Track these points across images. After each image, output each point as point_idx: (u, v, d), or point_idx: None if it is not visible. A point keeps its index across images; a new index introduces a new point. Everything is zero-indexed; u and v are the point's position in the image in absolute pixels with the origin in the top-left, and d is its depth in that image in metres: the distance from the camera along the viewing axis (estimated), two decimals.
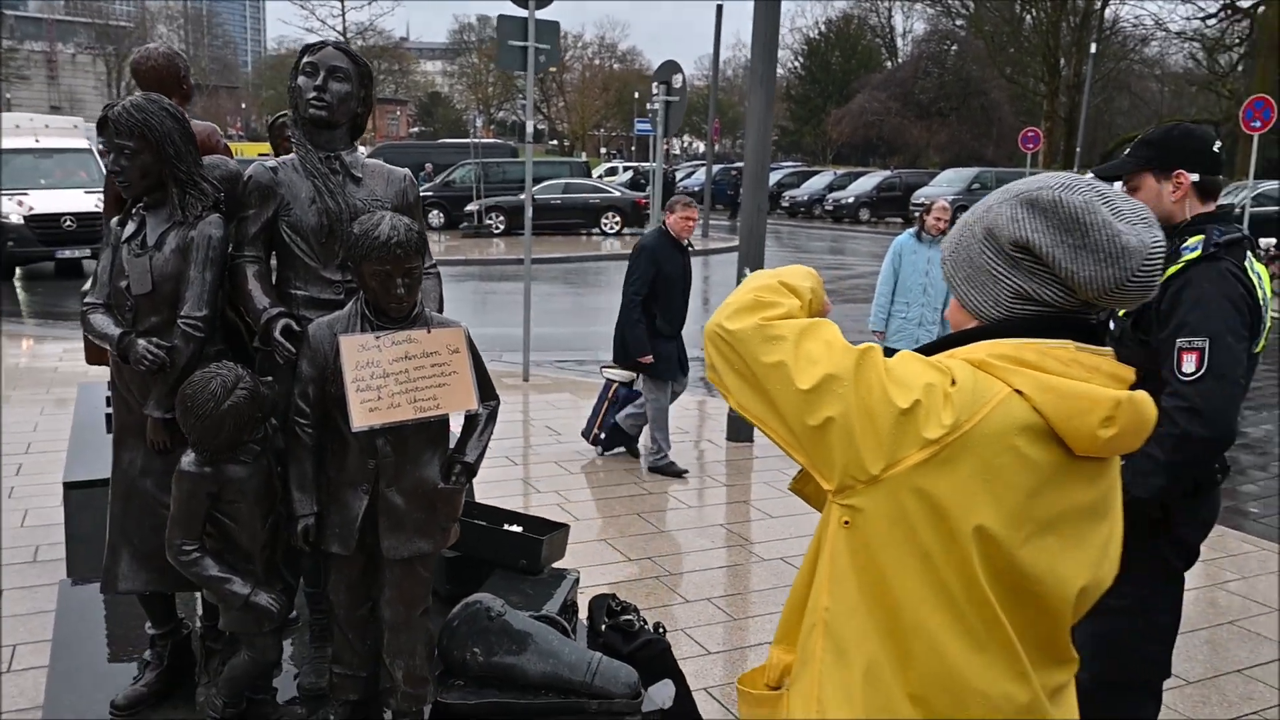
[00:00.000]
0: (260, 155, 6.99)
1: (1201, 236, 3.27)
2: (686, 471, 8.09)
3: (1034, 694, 1.75)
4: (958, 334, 1.82)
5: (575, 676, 3.59)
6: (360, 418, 3.00)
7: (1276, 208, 26.96)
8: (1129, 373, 1.75)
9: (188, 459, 3.03)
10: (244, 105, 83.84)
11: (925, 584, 1.67)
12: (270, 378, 3.22)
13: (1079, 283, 1.70)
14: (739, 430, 8.99)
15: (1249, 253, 3.34)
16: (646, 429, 8.34)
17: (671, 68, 11.09)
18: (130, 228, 3.26)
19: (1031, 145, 35.29)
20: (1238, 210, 22.54)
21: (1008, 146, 52.80)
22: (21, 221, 18.72)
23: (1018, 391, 1.65)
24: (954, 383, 1.66)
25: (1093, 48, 41.21)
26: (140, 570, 3.38)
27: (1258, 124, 21.02)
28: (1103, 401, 1.66)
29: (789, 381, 1.69)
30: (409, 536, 3.17)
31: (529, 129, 10.93)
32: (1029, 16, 54.68)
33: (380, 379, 3.02)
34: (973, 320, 1.83)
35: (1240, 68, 47.30)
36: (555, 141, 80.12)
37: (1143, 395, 1.75)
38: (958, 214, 7.73)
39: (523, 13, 9.77)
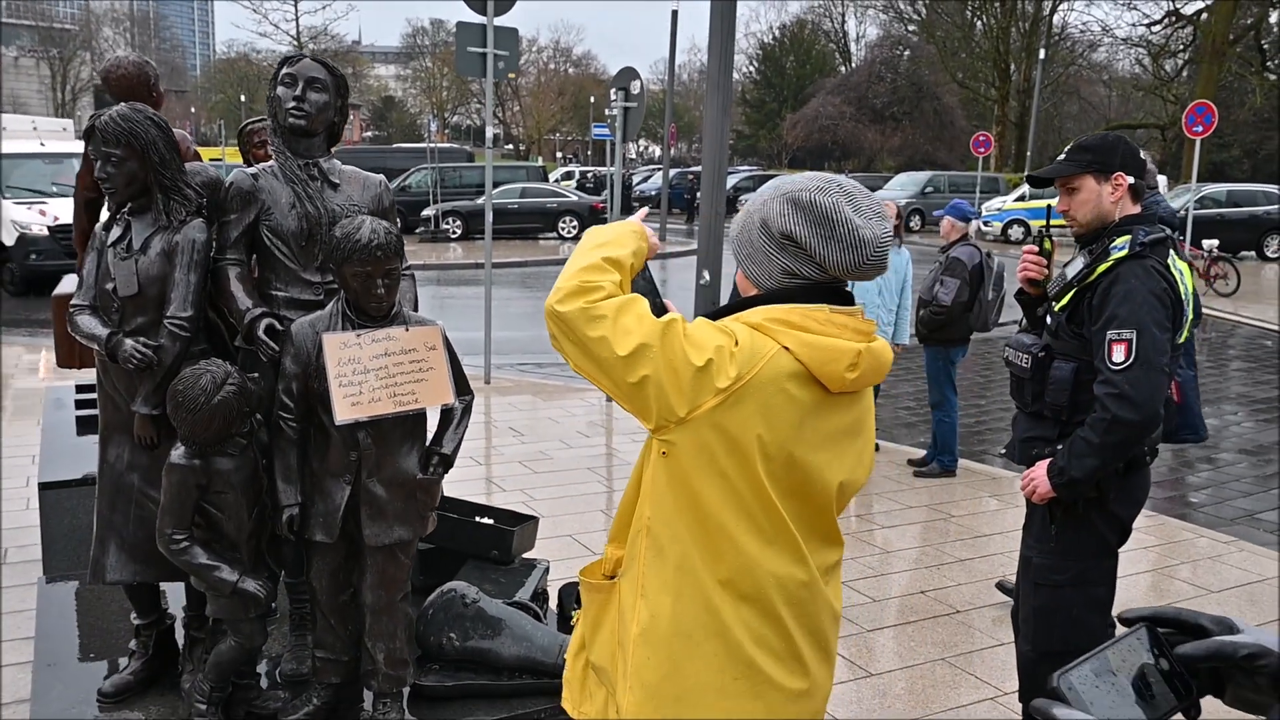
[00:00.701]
0: (212, 160, 7.05)
1: (1129, 236, 3.52)
2: None
3: (811, 574, 2.25)
4: (743, 299, 2.30)
5: (548, 659, 3.77)
6: (343, 412, 3.16)
7: (1219, 210, 27.60)
8: (871, 325, 2.24)
9: (178, 452, 3.18)
10: (193, 109, 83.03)
11: (725, 496, 2.15)
12: (256, 374, 3.37)
13: (829, 265, 2.18)
14: None
15: (1171, 251, 3.60)
16: None
17: (630, 74, 11.28)
18: (116, 232, 3.40)
19: (983, 149, 35.77)
20: (1181, 213, 23.06)
21: (960, 150, 53.47)
22: (46, 233, 17.02)
23: (785, 348, 2.12)
24: (736, 343, 2.11)
25: (1042, 53, 41.89)
26: (128, 562, 3.52)
27: (1199, 129, 21.52)
28: (848, 352, 2.15)
29: (611, 350, 2.10)
30: (390, 524, 3.34)
31: (488, 134, 11.07)
32: (980, 22, 55.42)
33: (361, 375, 3.17)
34: (754, 288, 2.30)
35: (1185, 73, 48.17)
36: (511, 146, 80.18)
37: (881, 344, 2.24)
38: (911, 215, 7.95)
39: (481, 19, 9.91)
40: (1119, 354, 3.41)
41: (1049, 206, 3.99)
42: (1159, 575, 6.37)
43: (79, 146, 22.02)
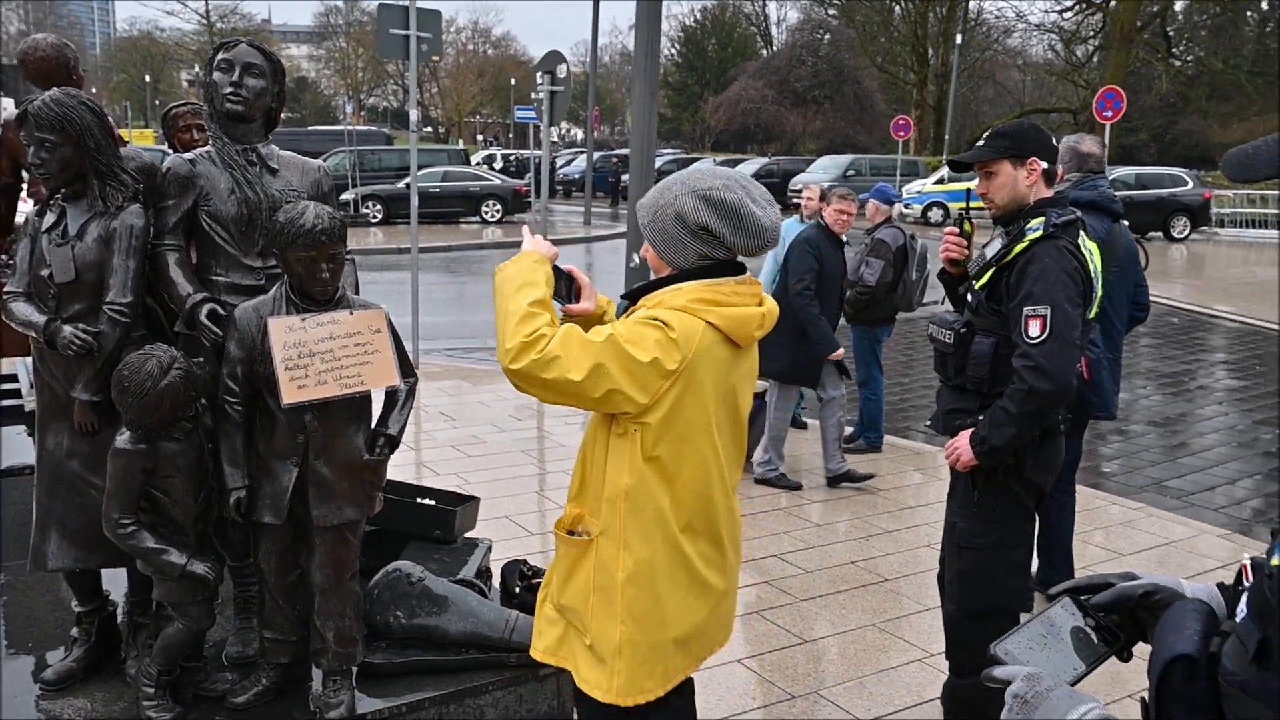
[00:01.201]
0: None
1: (1042, 218, 3.70)
2: (800, 486, 7.71)
3: (734, 500, 2.98)
4: (661, 279, 2.81)
5: (494, 634, 3.84)
6: (290, 395, 3.19)
7: (1128, 193, 28.25)
8: (758, 285, 2.85)
9: (123, 437, 3.20)
10: (94, 90, 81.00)
11: (687, 453, 2.74)
12: (200, 358, 3.39)
13: (736, 248, 2.75)
14: None
15: (1081, 232, 3.78)
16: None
17: (556, 58, 11.28)
18: (50, 218, 3.39)
19: (903, 133, 36.24)
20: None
21: (880, 133, 54.06)
22: None
23: (710, 323, 2.68)
24: (672, 331, 2.61)
25: (958, 39, 42.46)
26: (69, 548, 3.52)
27: (1109, 113, 22.10)
28: (755, 316, 2.79)
29: (571, 381, 2.55)
30: (337, 505, 3.38)
31: (413, 118, 11.03)
32: (898, 7, 56.01)
33: (307, 358, 3.21)
34: (667, 268, 2.80)
35: (1095, 59, 49.16)
36: (430, 129, 79.46)
37: (772, 303, 2.86)
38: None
39: (404, 1, 9.87)
40: (1035, 329, 3.58)
41: (968, 190, 4.14)
42: (1076, 542, 6.58)
43: None
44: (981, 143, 3.90)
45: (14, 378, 6.52)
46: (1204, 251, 27.66)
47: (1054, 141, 3.92)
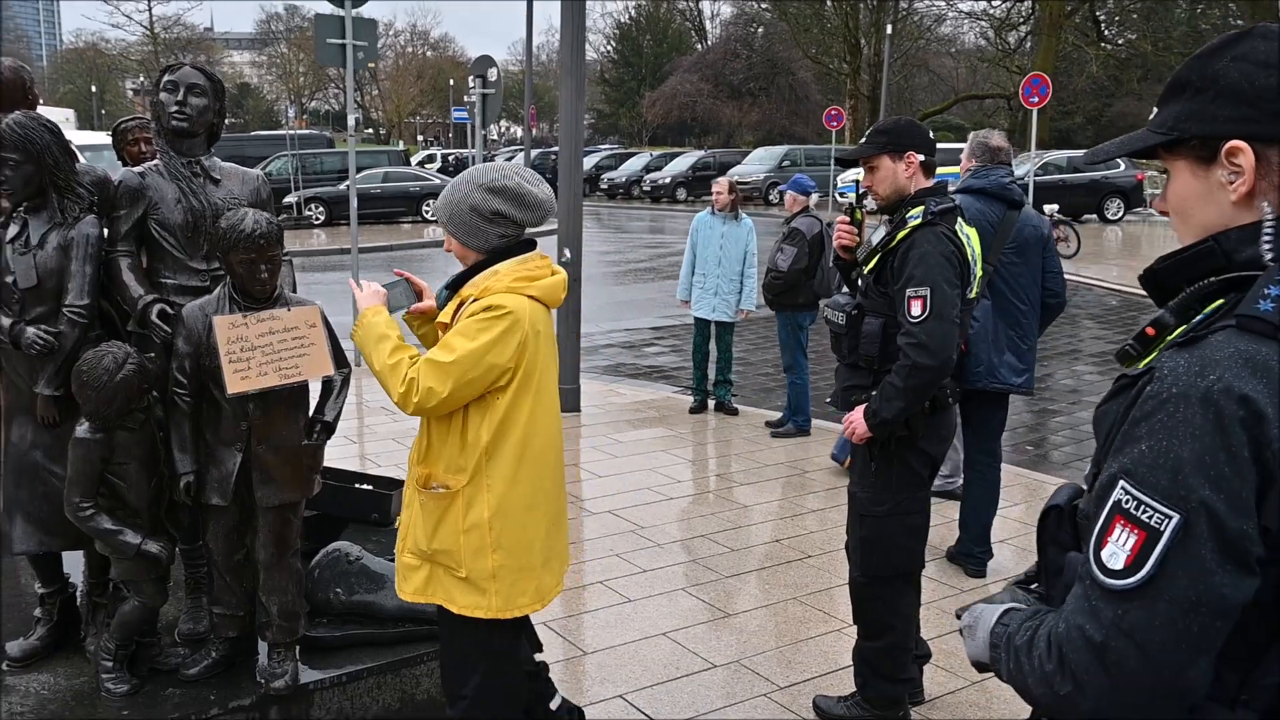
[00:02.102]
0: None
1: (922, 207, 4.01)
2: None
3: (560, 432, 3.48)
4: (475, 265, 3.26)
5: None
6: (234, 385, 3.49)
7: (1061, 176, 28.84)
8: (550, 259, 3.36)
9: (83, 428, 3.48)
10: (41, 101, 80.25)
11: (535, 405, 3.22)
12: (152, 354, 3.67)
13: (526, 223, 3.25)
14: (566, 402, 9.54)
15: (960, 218, 4.10)
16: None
17: (486, 62, 11.56)
18: (13, 230, 3.67)
19: (835, 123, 36.64)
20: (1023, 180, 24.11)
21: (816, 124, 54.48)
22: None
23: (532, 296, 3.19)
24: (510, 312, 3.09)
25: (888, 29, 42.94)
26: (33, 533, 3.80)
27: (1035, 99, 22.60)
28: (561, 282, 3.34)
29: (449, 400, 3.07)
30: (279, 487, 3.68)
31: (350, 122, 11.27)
32: (829, 0, 56.52)
33: (249, 352, 3.50)
34: (473, 254, 3.26)
35: (1028, 44, 49.88)
36: (371, 130, 79.19)
37: (562, 272, 3.36)
38: (770, 188, 8.36)
39: (340, 11, 10.11)
40: (916, 309, 3.88)
41: (857, 182, 4.49)
42: (1010, 521, 6.93)
43: (97, 137, 19.83)
44: (864, 140, 4.22)
45: None
46: (1139, 232, 28.22)
47: (931, 135, 4.23)
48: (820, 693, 4.60)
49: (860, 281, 4.23)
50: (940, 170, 4.37)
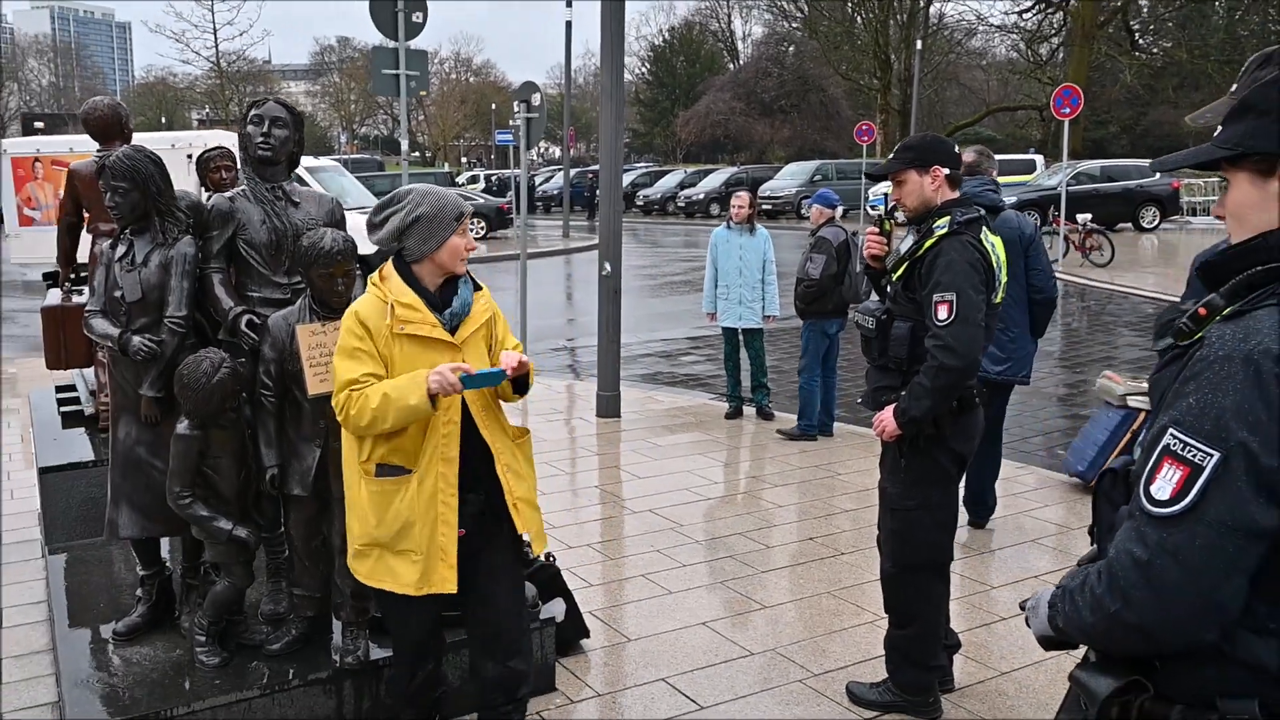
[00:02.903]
0: None
1: (949, 217, 4.17)
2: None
3: None
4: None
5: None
6: (314, 387, 3.82)
7: (1094, 185, 28.52)
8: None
9: (183, 425, 3.83)
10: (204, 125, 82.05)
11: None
12: (242, 359, 4.02)
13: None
14: (607, 407, 9.82)
15: (985, 228, 4.25)
16: None
17: (530, 88, 11.93)
18: (120, 249, 4.05)
19: (866, 138, 36.73)
20: (1055, 190, 24.04)
21: (847, 139, 54.44)
22: None
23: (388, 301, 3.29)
24: (363, 319, 3.25)
25: (918, 44, 43.01)
26: (137, 520, 4.16)
27: (1067, 110, 22.59)
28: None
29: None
30: None
31: (403, 146, 11.67)
32: (859, 17, 56.59)
33: (327, 357, 3.83)
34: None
35: (1061, 55, 49.48)
36: (417, 153, 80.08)
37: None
38: (802, 202, 8.60)
39: (394, 44, 10.49)
40: (943, 313, 4.04)
41: (886, 194, 4.71)
42: (1032, 519, 7.13)
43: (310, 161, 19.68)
44: (892, 155, 4.39)
45: (73, 387, 7.15)
46: (1176, 240, 27.78)
47: (955, 150, 4.41)
48: (853, 679, 4.74)
49: (889, 288, 4.38)
50: (1005, 180, 4.51)
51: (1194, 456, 1.67)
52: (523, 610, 3.73)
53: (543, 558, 5.08)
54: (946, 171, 4.28)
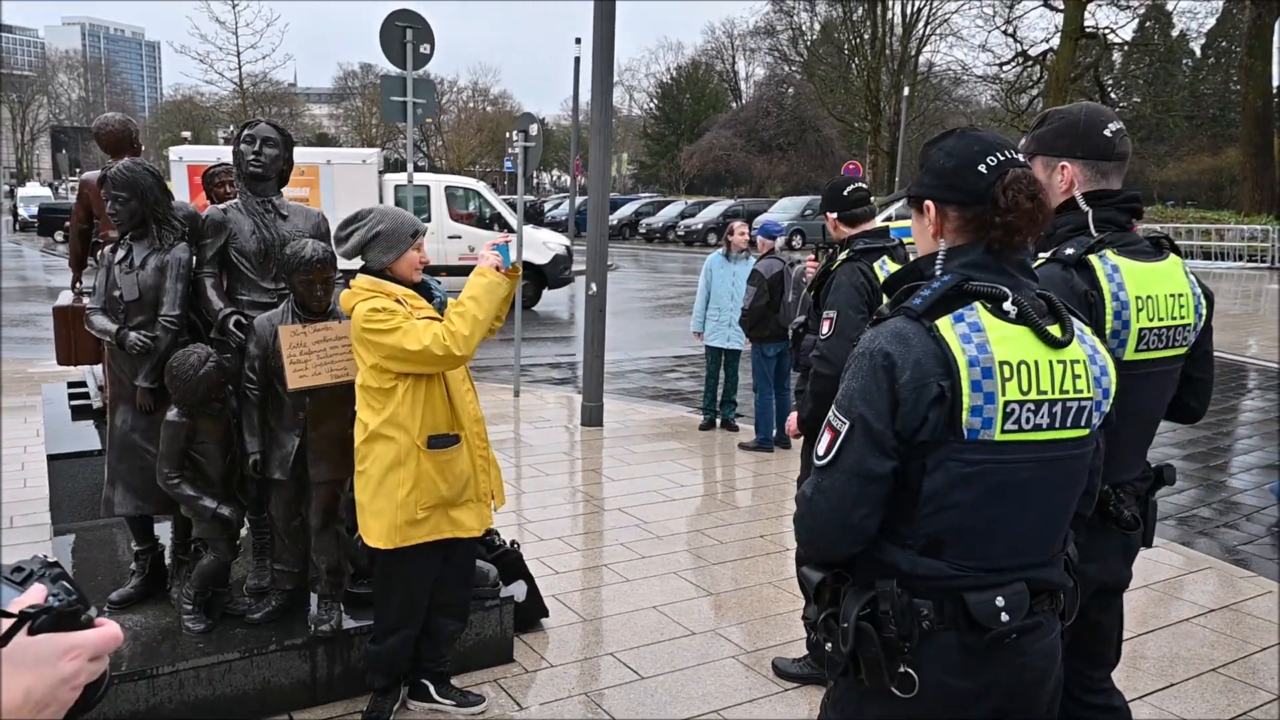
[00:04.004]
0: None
1: (850, 248, 4.49)
2: None
3: None
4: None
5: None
6: (293, 382, 4.00)
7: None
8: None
9: (172, 413, 4.01)
10: (144, 148, 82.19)
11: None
12: (229, 355, 4.20)
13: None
14: (591, 417, 10.00)
15: (884, 257, 4.50)
16: None
17: (528, 119, 12.18)
18: (120, 253, 4.23)
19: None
20: None
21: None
22: None
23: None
24: (381, 305, 3.58)
25: (905, 90, 43.37)
26: (131, 499, 4.33)
27: None
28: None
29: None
30: (329, 466, 4.18)
31: (409, 169, 11.89)
32: (854, 64, 57.04)
33: (307, 355, 4.01)
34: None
35: (1038, 105, 50.03)
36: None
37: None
38: (795, 236, 8.76)
39: (403, 72, 10.70)
40: (824, 328, 4.30)
41: (823, 227, 4.96)
42: None
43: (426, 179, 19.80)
44: (821, 201, 4.78)
45: (84, 383, 7.34)
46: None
47: (842, 197, 4.65)
48: (779, 655, 4.97)
49: (815, 307, 4.63)
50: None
51: (837, 424, 2.17)
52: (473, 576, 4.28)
53: (508, 544, 5.25)
54: (834, 214, 4.63)
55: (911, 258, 4.77)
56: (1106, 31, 44.73)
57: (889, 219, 34.48)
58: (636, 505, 7.48)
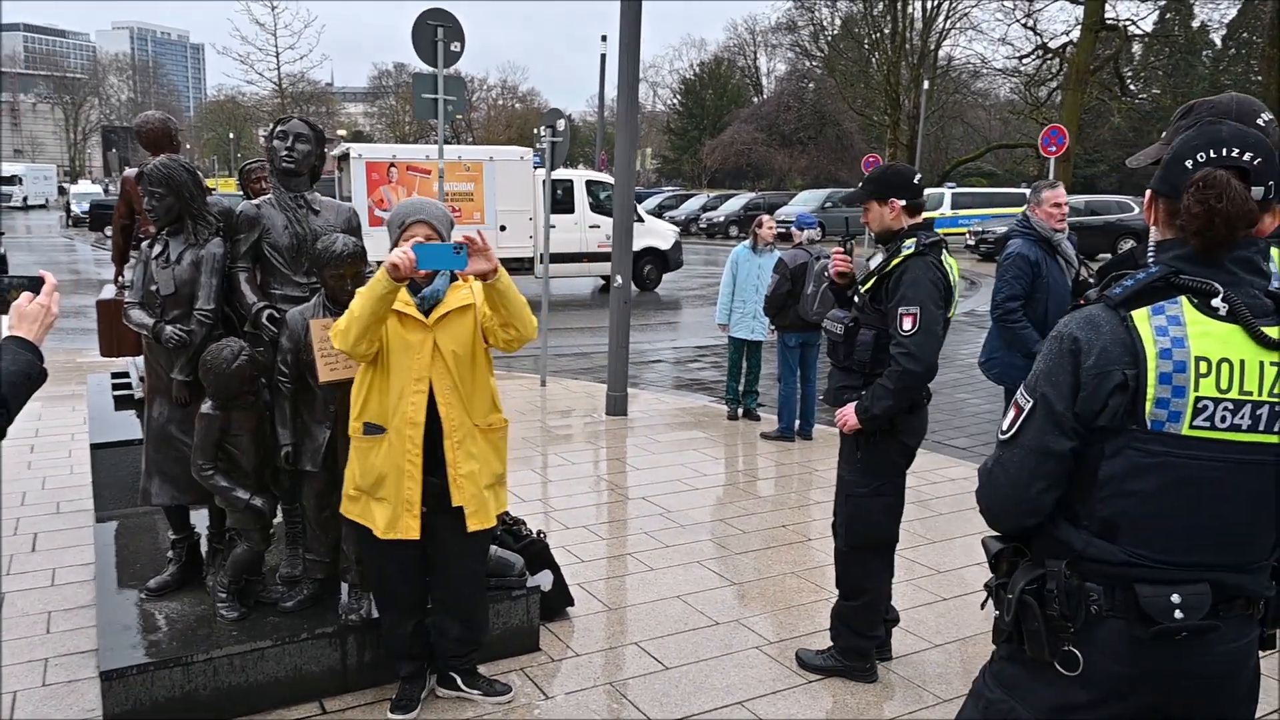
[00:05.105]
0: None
1: (914, 239, 4.27)
2: None
3: None
4: None
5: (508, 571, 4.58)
6: (324, 375, 3.96)
7: (1077, 218, 28.39)
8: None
9: (207, 405, 3.97)
10: (188, 146, 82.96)
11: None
12: (261, 349, 4.16)
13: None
14: (615, 406, 9.95)
15: (945, 250, 4.32)
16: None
17: (555, 114, 12.09)
18: (157, 248, 4.19)
19: None
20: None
21: (859, 170, 54.47)
22: None
23: None
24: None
25: (925, 85, 42.94)
26: (168, 489, 4.31)
27: (1053, 148, 22.62)
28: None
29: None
30: None
31: (440, 165, 11.83)
32: (874, 58, 56.52)
33: (337, 349, 3.95)
34: None
35: (1057, 98, 49.42)
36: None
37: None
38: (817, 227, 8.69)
39: (434, 70, 10.64)
40: (908, 324, 4.15)
41: (847, 219, 4.82)
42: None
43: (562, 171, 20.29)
44: (859, 187, 4.50)
45: (127, 373, 7.34)
46: None
47: (912, 182, 4.43)
48: (802, 646, 4.89)
49: (857, 299, 4.48)
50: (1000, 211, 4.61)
51: (1022, 401, 2.20)
52: (478, 583, 4.12)
53: (534, 533, 5.20)
54: (903, 202, 4.36)
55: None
56: (1127, 23, 44.11)
57: None
58: (660, 494, 7.42)
